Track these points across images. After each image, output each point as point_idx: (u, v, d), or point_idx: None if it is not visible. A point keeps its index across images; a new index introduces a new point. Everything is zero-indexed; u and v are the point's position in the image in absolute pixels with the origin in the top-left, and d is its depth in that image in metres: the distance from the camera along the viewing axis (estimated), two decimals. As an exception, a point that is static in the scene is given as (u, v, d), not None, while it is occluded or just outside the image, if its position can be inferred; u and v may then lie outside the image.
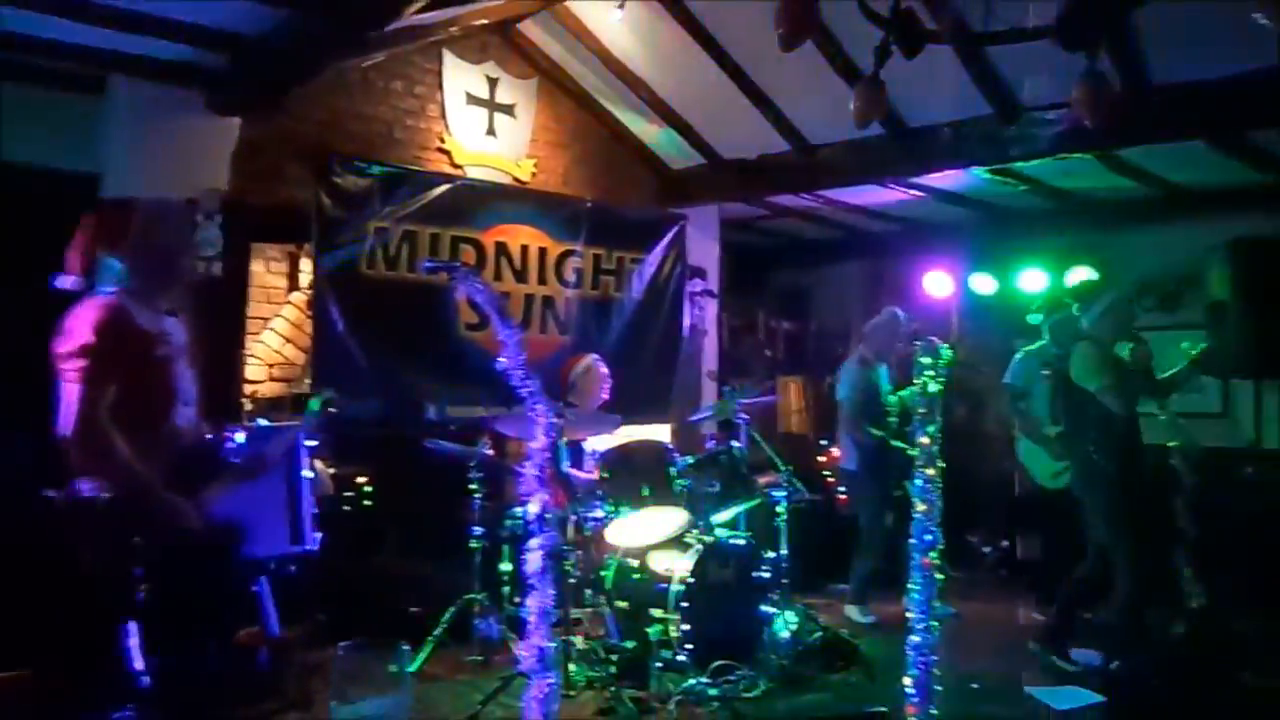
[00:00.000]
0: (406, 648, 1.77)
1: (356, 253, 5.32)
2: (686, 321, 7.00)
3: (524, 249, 6.09)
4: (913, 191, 6.71)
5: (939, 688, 3.23)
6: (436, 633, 4.47)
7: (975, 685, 4.59)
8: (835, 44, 5.05)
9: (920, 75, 4.66)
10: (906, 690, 3.24)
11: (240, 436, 3.05)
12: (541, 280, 6.19)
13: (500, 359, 2.92)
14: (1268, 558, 5.56)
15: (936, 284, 7.29)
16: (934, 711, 3.17)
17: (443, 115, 6.00)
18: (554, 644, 2.94)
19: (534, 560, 2.85)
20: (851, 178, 6.28)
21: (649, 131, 6.78)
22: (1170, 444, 4.96)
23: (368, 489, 5.24)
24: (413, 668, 4.31)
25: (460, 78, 6.04)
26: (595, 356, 5.37)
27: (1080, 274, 6.84)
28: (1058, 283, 6.85)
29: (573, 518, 4.54)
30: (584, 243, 6.39)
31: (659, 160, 7.06)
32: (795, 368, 8.51)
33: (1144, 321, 6.71)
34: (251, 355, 5.73)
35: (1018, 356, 5.98)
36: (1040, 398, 5.85)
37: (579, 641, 4.40)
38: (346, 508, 5.15)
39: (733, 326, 8.06)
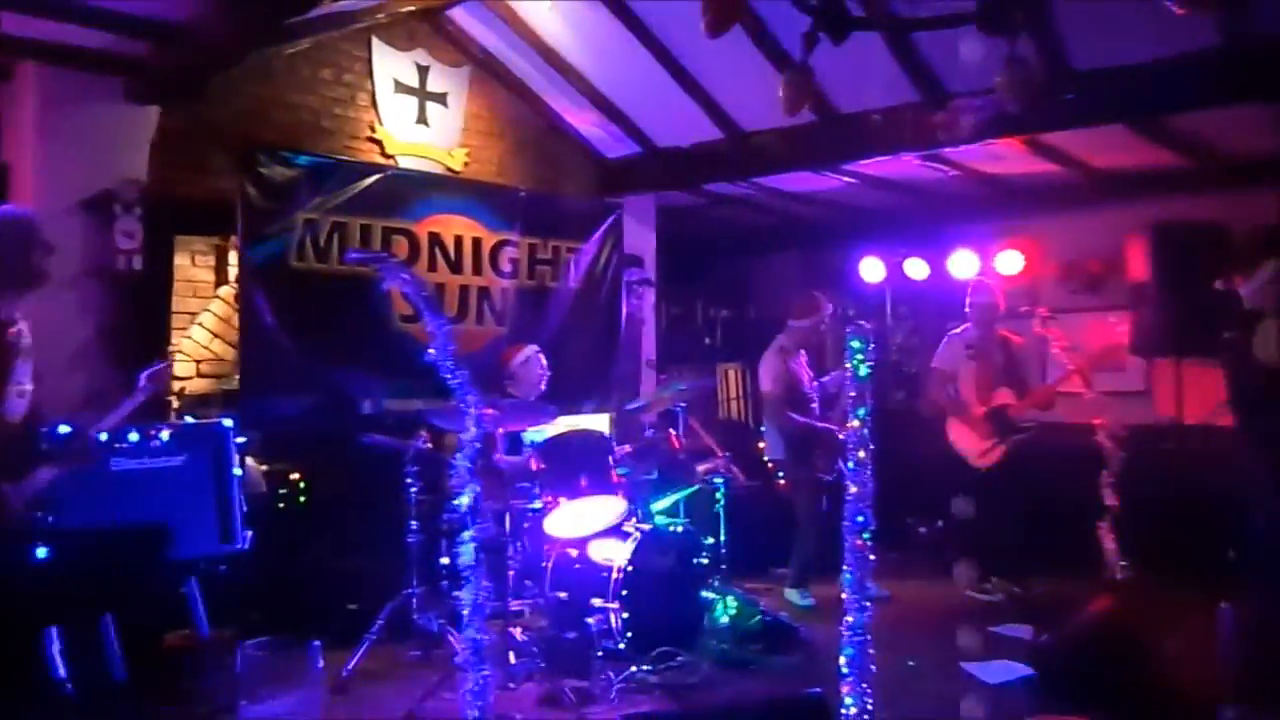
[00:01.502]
0: (318, 644, 1.74)
1: (285, 245, 5.20)
2: (624, 311, 6.99)
3: (458, 240, 6.02)
4: (845, 178, 6.78)
5: (874, 667, 3.28)
6: (373, 629, 4.41)
7: (912, 663, 4.69)
8: (765, 30, 5.07)
9: (850, 62, 4.70)
10: (842, 671, 3.28)
11: (64, 428, 3.07)
12: (477, 271, 6.12)
13: (430, 350, 2.90)
14: (1188, 529, 5.75)
15: (871, 269, 7.38)
16: (868, 690, 3.22)
17: (373, 104, 5.89)
18: (491, 636, 2.92)
19: (467, 553, 2.83)
20: (784, 165, 6.32)
21: (584, 120, 6.75)
22: (1095, 422, 5.08)
23: (301, 485, 5.15)
24: (349, 665, 4.25)
25: (389, 65, 5.94)
26: (535, 347, 5.35)
27: (1009, 258, 6.99)
28: (989, 267, 6.98)
29: (510, 509, 4.51)
30: (519, 233, 6.33)
31: (594, 149, 7.04)
32: (734, 355, 8.56)
33: (1069, 303, 6.91)
34: (179, 351, 5.59)
35: (945, 340, 6.12)
36: (967, 379, 5.98)
37: (519, 633, 4.38)
38: (280, 505, 5.05)
39: (671, 315, 8.08)
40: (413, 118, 6.07)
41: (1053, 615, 4.77)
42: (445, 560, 4.62)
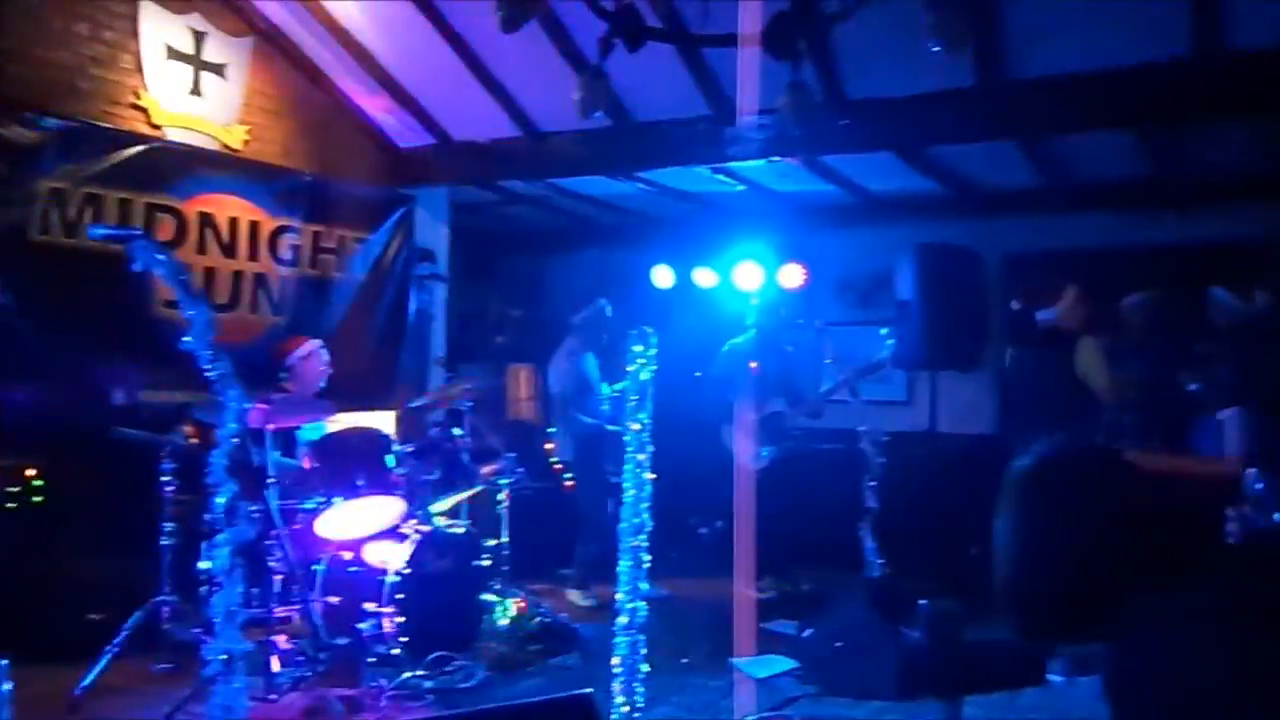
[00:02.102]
0: (5, 663, 1.56)
1: (24, 216, 4.68)
2: (413, 306, 6.79)
3: (233, 222, 5.64)
4: (640, 184, 6.90)
5: (646, 666, 3.35)
6: (116, 640, 4.04)
7: (685, 660, 4.82)
8: (563, 32, 5.08)
9: (647, 72, 4.81)
10: (614, 669, 3.33)
11: None
12: (253, 256, 5.76)
13: (186, 338, 2.69)
14: (941, 530, 6.25)
15: (662, 276, 7.55)
16: (639, 688, 3.28)
17: (138, 68, 5.40)
18: (246, 646, 2.74)
19: (221, 557, 2.64)
20: (580, 168, 6.35)
21: (376, 107, 6.50)
22: (860, 429, 5.42)
23: (38, 484, 4.64)
24: (84, 682, 3.88)
25: (160, 27, 5.47)
26: (318, 342, 5.11)
27: (791, 271, 7.35)
28: (771, 279, 7.31)
29: (277, 509, 4.26)
30: (302, 219, 6.02)
31: (387, 138, 6.79)
32: (526, 355, 8.50)
33: (844, 316, 7.35)
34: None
35: (724, 348, 6.41)
36: (744, 387, 6.29)
37: (284, 640, 4.15)
38: (11, 505, 4.54)
39: (462, 312, 7.93)
40: (185, 87, 5.62)
41: (816, 611, 5.06)
42: (204, 564, 4.31)
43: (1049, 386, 5.41)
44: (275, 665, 3.97)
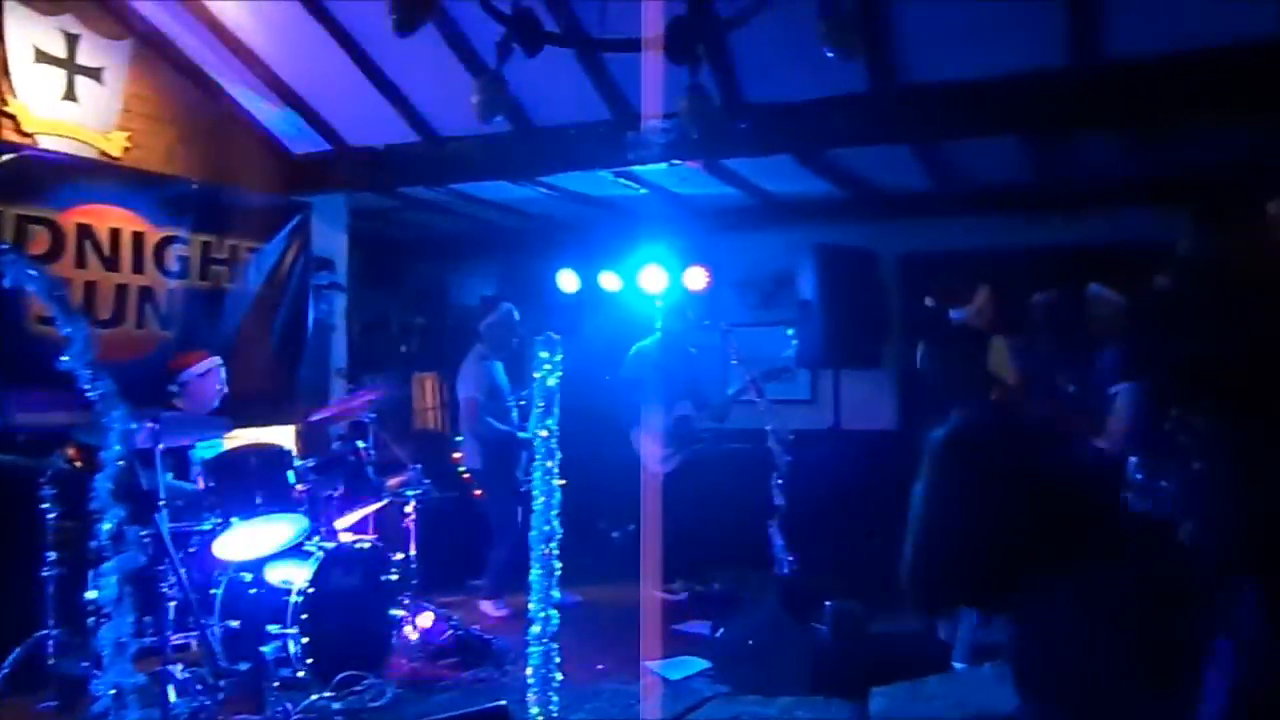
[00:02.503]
0: None
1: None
2: (311, 316, 6.59)
3: (115, 233, 5.37)
4: (543, 189, 6.85)
5: (559, 675, 3.33)
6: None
7: (599, 666, 4.80)
8: (460, 35, 5.01)
9: (545, 76, 4.77)
10: (528, 680, 3.30)
11: None
12: (138, 269, 5.50)
13: (64, 357, 2.56)
14: (847, 525, 6.38)
15: (567, 280, 7.51)
16: (553, 697, 3.26)
17: (4, 72, 5.10)
18: (138, 679, 2.62)
19: (109, 586, 2.51)
20: (481, 173, 6.26)
21: (268, 112, 6.29)
22: (767, 428, 5.48)
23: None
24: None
25: (27, 29, 5.16)
26: (217, 360, 4.93)
27: (695, 274, 7.41)
28: (675, 281, 7.36)
29: (170, 533, 4.08)
30: (190, 229, 5.77)
31: (280, 144, 6.58)
32: (431, 364, 8.37)
33: (748, 317, 7.45)
34: None
35: (630, 352, 6.50)
36: (651, 390, 6.32)
37: (179, 670, 3.96)
38: None
39: (364, 322, 7.75)
40: (58, 93, 5.33)
41: (728, 610, 5.11)
42: (91, 594, 4.09)
43: (960, 383, 5.57)
44: (172, 696, 3.79)
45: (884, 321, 7.09)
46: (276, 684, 4.03)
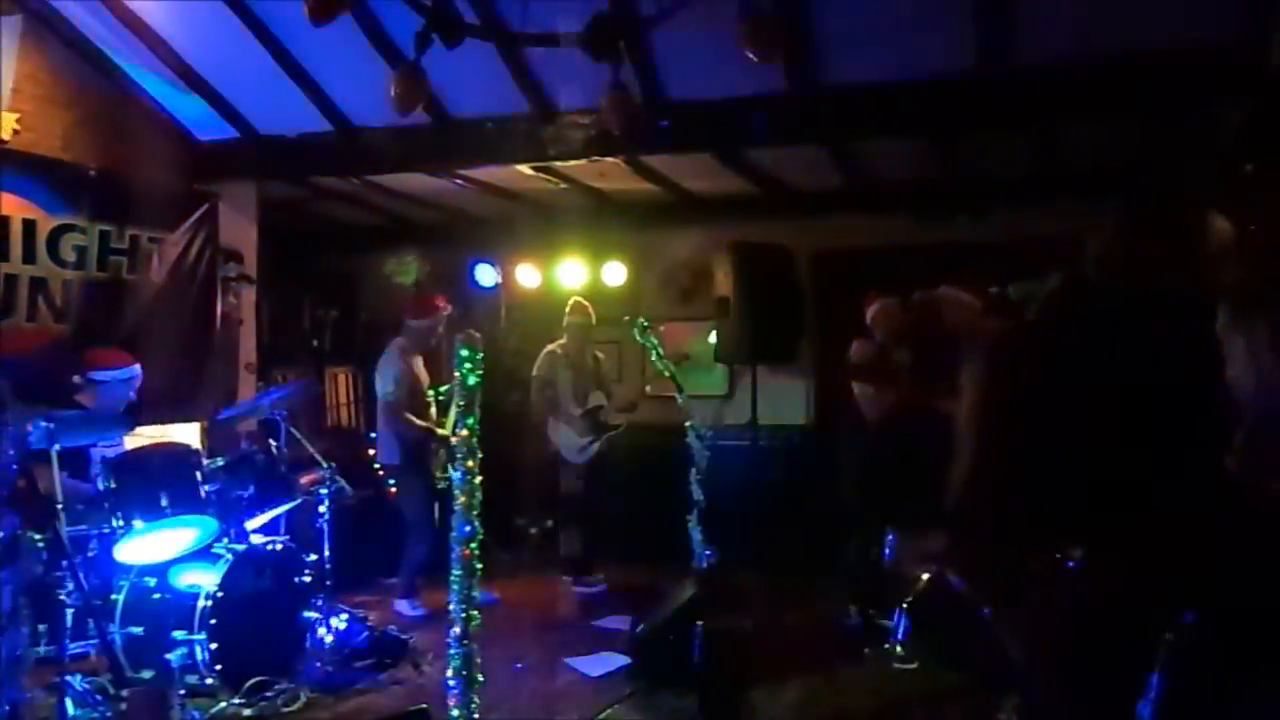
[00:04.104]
0: None
1: None
2: (219, 309, 6.38)
3: (4, 221, 5.10)
4: (459, 182, 6.76)
5: (481, 676, 3.29)
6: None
7: (519, 665, 4.78)
8: (377, 25, 4.90)
9: (465, 68, 4.70)
10: (448, 682, 3.25)
11: None
12: (29, 259, 5.23)
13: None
14: (764, 519, 6.49)
15: (485, 274, 7.45)
16: (475, 700, 3.22)
17: (-119, 49, 4.81)
18: (32, 695, 2.50)
19: (2, 598, 2.39)
20: (396, 164, 6.14)
21: (173, 97, 6.05)
22: (686, 424, 5.52)
23: None
24: None
25: (-93, 5, 4.89)
26: (137, 368, 4.72)
27: (614, 269, 7.43)
28: (594, 276, 7.36)
29: (69, 537, 3.90)
30: (88, 217, 5.52)
31: (185, 130, 6.34)
32: (344, 358, 8.18)
33: (666, 313, 7.48)
34: None
35: (544, 351, 6.59)
36: (565, 385, 6.48)
37: (77, 680, 3.80)
38: None
39: (274, 314, 7.52)
40: (-60, 72, 5.05)
41: (648, 605, 5.13)
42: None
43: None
44: (70, 708, 3.63)
45: (799, 317, 7.22)
46: (183, 692, 3.89)
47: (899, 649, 4.08)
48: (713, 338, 7.15)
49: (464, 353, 3.38)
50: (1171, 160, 5.54)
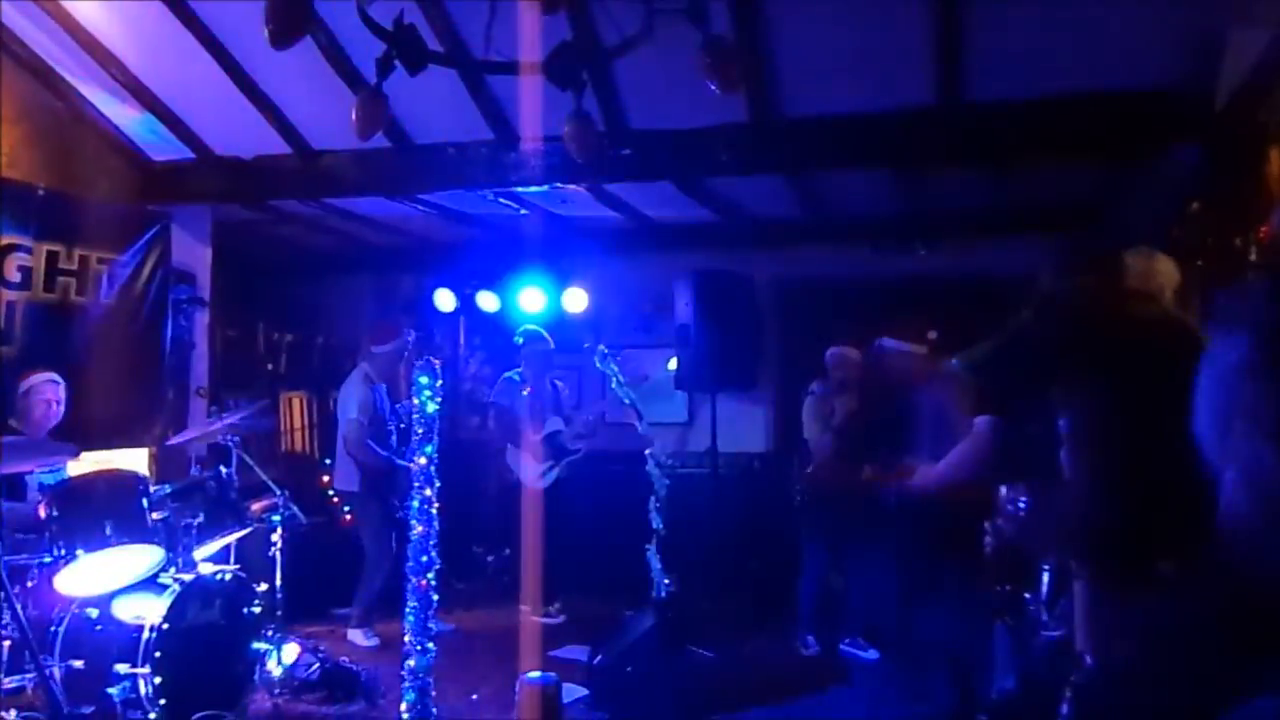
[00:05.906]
0: None
1: None
2: (170, 333, 6.25)
3: (-53, 240, 4.98)
4: (420, 207, 6.72)
5: (435, 709, 3.23)
6: None
7: (475, 696, 4.70)
8: (339, 50, 4.87)
9: (426, 94, 4.69)
10: (401, 714, 3.19)
11: None
12: (-28, 279, 5.10)
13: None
14: (723, 547, 6.47)
15: (444, 299, 7.40)
16: (429, 734, 3.16)
17: None
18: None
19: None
20: (356, 189, 6.08)
21: (124, 116, 5.95)
22: (646, 451, 5.51)
23: None
24: None
25: None
26: (45, 376, 4.59)
27: (575, 296, 7.42)
28: (555, 302, 7.34)
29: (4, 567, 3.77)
30: (34, 237, 5.38)
31: (137, 150, 6.23)
32: (299, 383, 8.06)
33: (627, 340, 7.48)
34: None
35: (501, 378, 6.56)
36: (523, 411, 6.45)
37: (12, 716, 3.66)
38: None
39: (228, 338, 7.39)
40: (-114, 87, 4.91)
41: (606, 635, 5.08)
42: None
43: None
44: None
45: (759, 345, 7.25)
46: (125, 727, 3.77)
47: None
48: (673, 365, 7.16)
49: (423, 380, 3.35)
50: (1122, 198, 5.68)
